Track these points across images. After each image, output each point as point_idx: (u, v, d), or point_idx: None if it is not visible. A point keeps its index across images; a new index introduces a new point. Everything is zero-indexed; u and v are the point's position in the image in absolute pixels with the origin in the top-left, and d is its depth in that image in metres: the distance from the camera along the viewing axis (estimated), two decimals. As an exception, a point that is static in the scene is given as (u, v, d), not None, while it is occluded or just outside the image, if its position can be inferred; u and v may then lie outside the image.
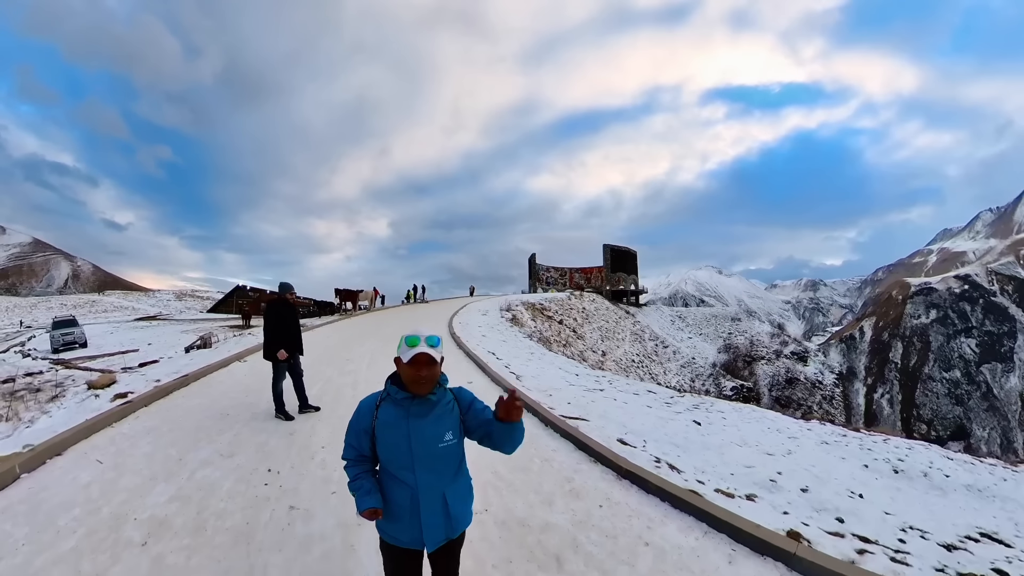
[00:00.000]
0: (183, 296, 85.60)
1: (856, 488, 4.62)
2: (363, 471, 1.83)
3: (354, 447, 1.85)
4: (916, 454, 6.56)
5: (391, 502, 1.78)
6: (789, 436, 6.08)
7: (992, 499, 5.28)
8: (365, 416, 1.82)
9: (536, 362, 9.21)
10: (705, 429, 5.45)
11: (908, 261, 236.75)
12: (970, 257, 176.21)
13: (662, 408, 6.27)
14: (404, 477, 1.76)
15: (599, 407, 5.71)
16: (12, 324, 47.21)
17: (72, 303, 69.51)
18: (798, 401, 55.68)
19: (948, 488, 5.44)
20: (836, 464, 5.26)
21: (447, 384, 1.88)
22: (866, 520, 3.55)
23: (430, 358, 1.73)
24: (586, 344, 28.06)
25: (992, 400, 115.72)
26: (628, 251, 60.85)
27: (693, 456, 4.20)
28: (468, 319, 16.78)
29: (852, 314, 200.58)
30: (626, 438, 4.31)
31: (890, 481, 5.32)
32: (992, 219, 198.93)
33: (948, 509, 4.69)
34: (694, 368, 40.16)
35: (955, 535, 3.79)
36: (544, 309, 28.82)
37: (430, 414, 1.78)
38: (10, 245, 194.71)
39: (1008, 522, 4.55)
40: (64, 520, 2.96)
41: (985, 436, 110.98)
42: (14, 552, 2.63)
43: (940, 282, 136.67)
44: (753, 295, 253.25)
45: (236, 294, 40.29)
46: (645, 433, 4.71)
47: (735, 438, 5.23)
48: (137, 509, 3.15)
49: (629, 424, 5.02)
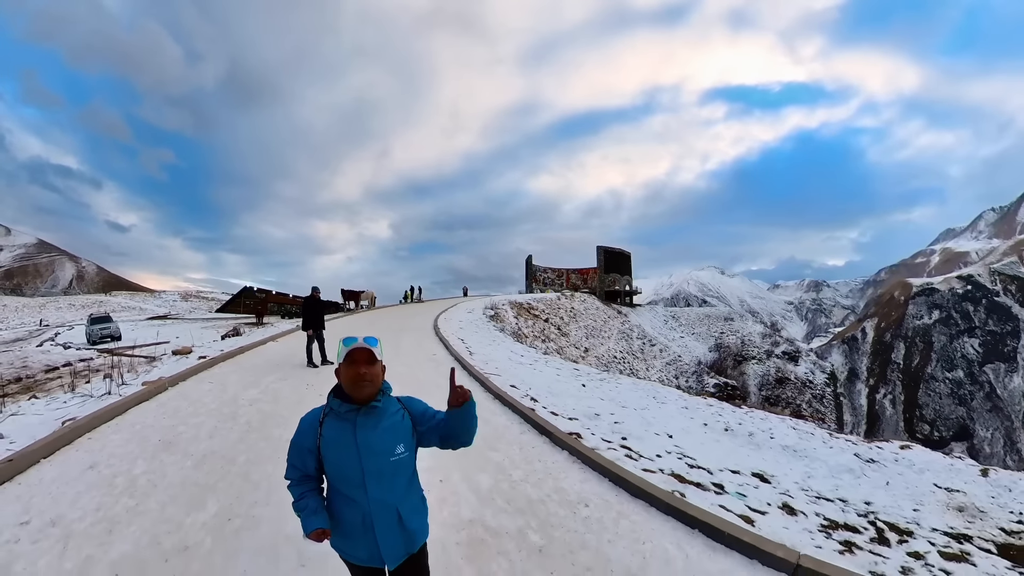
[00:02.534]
0: (188, 297, 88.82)
1: (674, 432, 6.12)
2: (307, 490, 1.78)
3: (297, 467, 1.79)
4: (763, 422, 7.95)
5: (342, 521, 1.74)
6: (659, 401, 8.48)
7: (801, 457, 6.46)
8: (308, 434, 1.77)
9: (494, 346, 11.99)
10: (586, 390, 8.05)
11: (911, 261, 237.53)
12: (973, 257, 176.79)
13: (569, 378, 8.99)
14: (354, 495, 1.71)
15: (517, 372, 8.48)
16: (26, 323, 50.16)
17: (80, 303, 72.77)
18: (787, 400, 57.44)
19: (765, 446, 6.69)
20: (676, 419, 7.20)
21: (391, 392, 1.85)
22: (647, 443, 5.26)
23: (369, 354, 1.73)
24: (569, 340, 30.76)
25: (995, 400, 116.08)
26: (622, 252, 63.46)
27: (559, 400, 6.85)
28: (453, 315, 19.58)
29: (855, 315, 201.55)
30: (518, 385, 7.06)
31: (715, 435, 6.76)
32: (995, 219, 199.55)
33: (746, 455, 5.91)
34: (679, 366, 42.72)
35: (725, 466, 5.01)
36: (531, 308, 31.59)
37: (379, 426, 1.75)
38: (15, 246, 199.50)
39: (794, 471, 5.58)
40: (206, 400, 5.93)
41: (988, 437, 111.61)
42: (203, 407, 5.57)
43: (942, 282, 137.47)
44: (755, 296, 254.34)
45: (244, 295, 43.17)
46: (536, 386, 7.43)
47: (604, 396, 7.85)
48: (241, 397, 6.16)
49: (529, 381, 7.76)
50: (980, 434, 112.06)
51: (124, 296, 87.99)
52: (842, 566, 2.94)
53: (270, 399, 6.15)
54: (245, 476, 3.91)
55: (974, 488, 5.82)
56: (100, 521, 3.14)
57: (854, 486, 5.44)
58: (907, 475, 6.20)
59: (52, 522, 3.07)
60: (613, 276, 60.91)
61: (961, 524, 4.70)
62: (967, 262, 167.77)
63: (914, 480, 6.00)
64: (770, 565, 2.93)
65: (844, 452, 6.86)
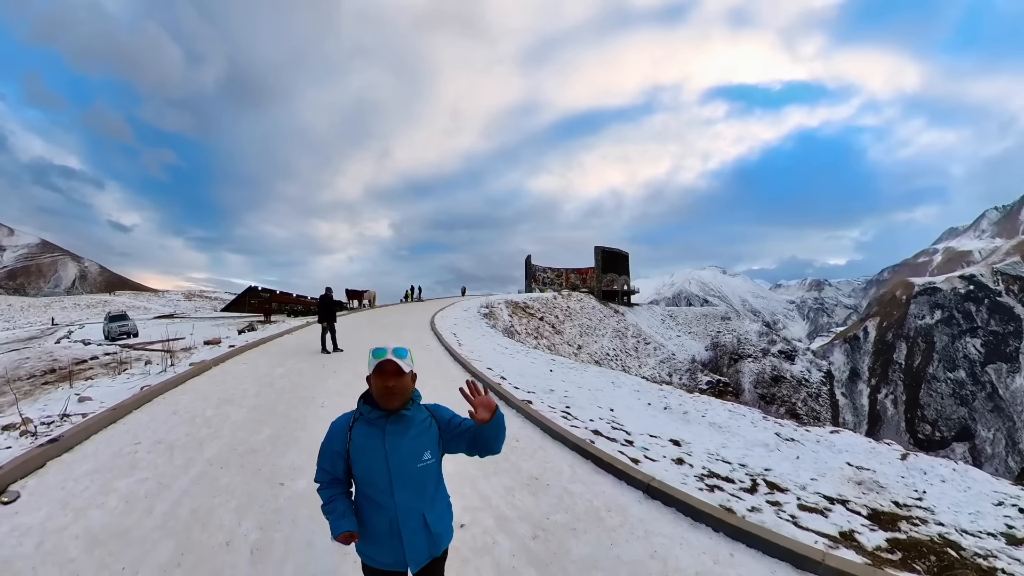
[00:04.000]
0: (192, 296, 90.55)
1: (616, 407, 7.31)
2: (337, 493, 1.84)
3: (327, 470, 1.86)
4: (703, 405, 9.00)
5: (369, 525, 1.80)
6: (616, 386, 9.82)
7: (724, 432, 7.31)
8: (338, 438, 1.83)
9: (482, 340, 13.55)
10: (552, 374, 9.57)
11: (913, 261, 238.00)
12: (976, 257, 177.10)
13: (541, 365, 10.53)
14: (382, 500, 1.77)
15: (497, 359, 10.07)
16: (33, 322, 51.64)
17: (85, 303, 74.39)
18: (782, 398, 58.49)
19: (695, 422, 7.63)
20: (624, 399, 8.44)
21: (420, 400, 1.91)
22: (586, 412, 6.57)
23: (397, 367, 1.77)
24: (563, 338, 32.30)
25: (997, 401, 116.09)
26: (619, 253, 65.03)
27: (524, 380, 8.36)
28: (450, 313, 21.15)
29: (857, 314, 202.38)
30: (493, 368, 8.64)
31: (654, 412, 7.95)
32: (998, 218, 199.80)
33: (674, 428, 6.80)
34: (673, 363, 44.19)
35: (647, 432, 6.02)
36: (527, 307, 33.14)
37: (407, 432, 1.80)
38: (18, 246, 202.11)
39: (711, 442, 6.33)
40: (245, 375, 7.62)
41: (990, 437, 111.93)
42: (244, 379, 7.11)
43: (944, 282, 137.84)
44: (758, 295, 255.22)
45: (249, 294, 44.82)
46: (509, 369, 9.02)
47: (566, 379, 9.35)
48: (272, 373, 7.90)
49: (504, 366, 9.35)
50: (982, 435, 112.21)
51: (128, 296, 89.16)
52: (686, 491, 4.05)
53: (295, 374, 7.90)
54: (286, 415, 5.61)
55: (887, 468, 6.25)
56: (191, 440, 4.73)
57: (762, 457, 6.02)
58: (822, 453, 6.70)
59: (158, 441, 4.65)
60: (611, 276, 62.46)
61: (852, 494, 5.07)
62: (970, 262, 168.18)
63: (827, 457, 6.48)
64: (630, 484, 4.30)
65: (767, 431, 7.61)
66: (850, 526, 3.95)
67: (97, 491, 3.56)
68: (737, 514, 3.69)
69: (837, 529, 3.83)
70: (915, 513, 4.73)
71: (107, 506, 3.36)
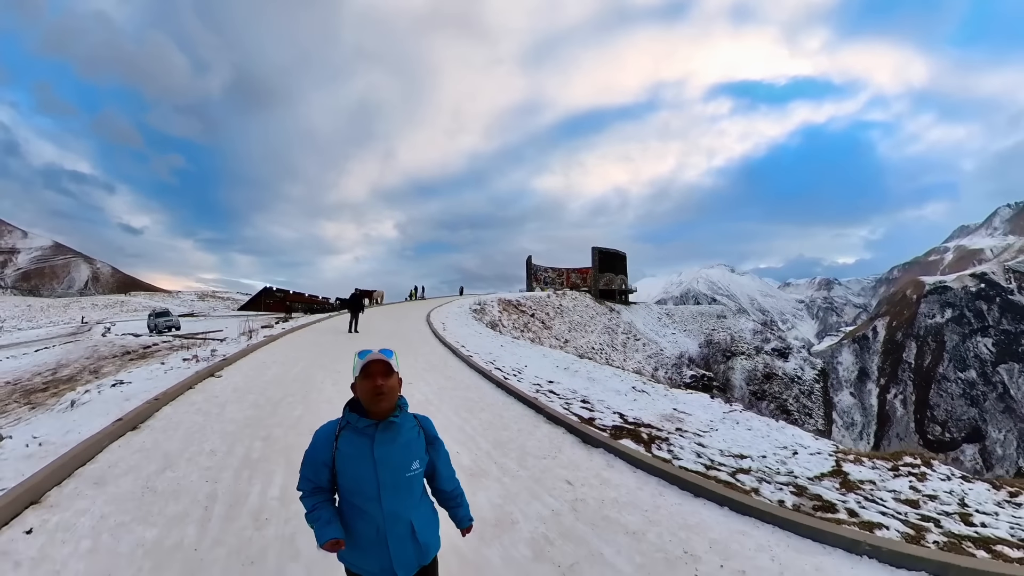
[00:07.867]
0: (205, 297, 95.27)
1: (531, 366, 11.12)
2: (320, 501, 1.85)
3: (310, 479, 1.86)
4: (597, 371, 12.30)
5: (355, 533, 1.81)
6: (541, 355, 13.74)
7: (594, 382, 9.83)
8: (323, 448, 1.84)
9: (465, 328, 17.61)
10: (503, 349, 13.51)
11: (924, 259, 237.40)
12: (988, 254, 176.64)
13: (497, 343, 14.58)
14: (369, 508, 1.79)
15: (469, 340, 14.15)
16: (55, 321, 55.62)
17: (103, 303, 78.93)
18: (773, 395, 60.98)
19: (577, 376, 10.34)
20: (541, 363, 12.05)
21: (407, 407, 1.93)
22: (508, 365, 10.73)
23: (385, 366, 1.79)
24: (551, 333, 36.24)
25: (1009, 401, 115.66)
26: (617, 253, 68.59)
27: (482, 351, 12.35)
28: (445, 310, 25.31)
29: (866, 313, 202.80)
30: (465, 345, 12.72)
31: (553, 370, 10.84)
32: (1011, 215, 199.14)
33: (560, 378, 10.07)
34: (660, 359, 47.84)
35: (539, 376, 9.33)
36: (519, 305, 37.16)
37: (396, 441, 1.82)
38: (32, 248, 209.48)
39: (578, 385, 8.94)
40: (299, 343, 12.33)
41: (1001, 439, 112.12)
42: (285, 362, 11.32)
43: (955, 280, 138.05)
44: (766, 294, 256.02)
45: (264, 294, 49.34)
46: (474, 346, 13.02)
47: (513, 353, 13.25)
48: (318, 340, 12.81)
49: (471, 344, 13.40)
50: (992, 435, 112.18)
51: (143, 296, 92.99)
52: (520, 388, 8.29)
53: (330, 343, 12.45)
54: (333, 356, 10.05)
55: (702, 414, 7.54)
56: (289, 360, 9.31)
57: (609, 397, 8.02)
58: (659, 401, 8.37)
59: (274, 361, 8.94)
60: (608, 276, 65.97)
61: (662, 424, 6.60)
62: (982, 259, 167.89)
63: (662, 404, 8.14)
64: (503, 390, 8.20)
65: (624, 383, 9.97)
66: (602, 421, 6.63)
67: (257, 374, 8.00)
68: (544, 399, 7.60)
69: (591, 416, 7.76)
70: (683, 427, 8.59)
71: (266, 376, 7.81)
